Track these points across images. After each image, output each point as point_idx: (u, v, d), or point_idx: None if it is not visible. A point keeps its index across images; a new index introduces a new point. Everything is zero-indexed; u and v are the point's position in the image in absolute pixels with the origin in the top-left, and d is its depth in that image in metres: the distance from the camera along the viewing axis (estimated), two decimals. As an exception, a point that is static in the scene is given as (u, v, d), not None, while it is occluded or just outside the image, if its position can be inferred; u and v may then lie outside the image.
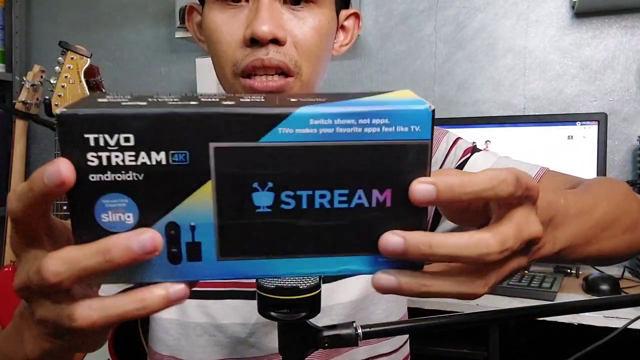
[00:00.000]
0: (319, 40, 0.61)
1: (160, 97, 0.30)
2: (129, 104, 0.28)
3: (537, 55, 1.71)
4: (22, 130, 1.90)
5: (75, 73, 1.66)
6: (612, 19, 1.64)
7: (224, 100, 0.30)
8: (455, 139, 0.74)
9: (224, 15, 0.60)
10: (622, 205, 0.53)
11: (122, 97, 0.30)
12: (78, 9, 2.23)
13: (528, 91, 1.73)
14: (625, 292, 1.30)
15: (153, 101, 0.29)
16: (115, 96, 0.30)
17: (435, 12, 1.81)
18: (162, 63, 2.14)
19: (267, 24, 0.57)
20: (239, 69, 0.59)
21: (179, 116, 0.28)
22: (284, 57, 0.59)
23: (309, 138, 0.29)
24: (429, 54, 1.82)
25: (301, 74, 0.60)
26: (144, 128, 0.28)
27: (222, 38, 0.60)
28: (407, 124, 0.29)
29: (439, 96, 1.82)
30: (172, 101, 0.29)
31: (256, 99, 0.30)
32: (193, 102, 0.29)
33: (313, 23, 0.60)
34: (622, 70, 1.64)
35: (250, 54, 0.58)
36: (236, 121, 0.28)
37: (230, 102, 0.29)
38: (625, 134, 1.64)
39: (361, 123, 0.29)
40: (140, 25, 2.15)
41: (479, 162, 0.72)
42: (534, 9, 1.71)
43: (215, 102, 0.29)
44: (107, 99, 0.30)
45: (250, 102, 0.30)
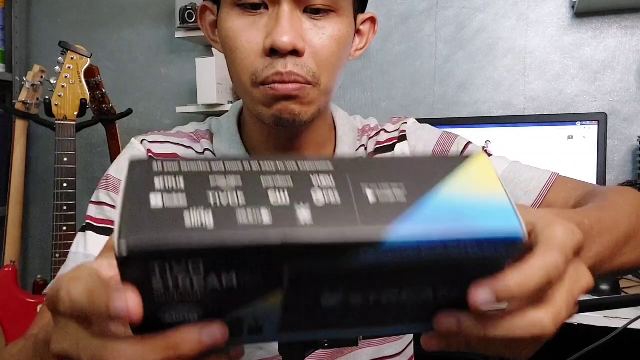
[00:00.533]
0: (338, 50, 0.61)
1: (221, 188, 0.28)
2: (195, 224, 0.26)
3: (537, 56, 1.71)
4: (22, 130, 1.90)
5: (75, 73, 1.66)
6: (612, 19, 1.64)
7: (296, 202, 0.27)
8: (465, 143, 0.74)
9: (242, 22, 0.59)
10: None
11: (175, 186, 0.28)
12: (78, 9, 2.23)
13: (528, 91, 1.73)
14: (625, 292, 1.30)
15: (217, 207, 0.27)
16: (167, 187, 0.28)
17: (436, 13, 1.81)
18: (162, 63, 2.14)
19: (288, 35, 0.56)
20: (259, 79, 0.59)
21: (255, 245, 0.26)
22: (302, 70, 0.58)
23: (390, 259, 0.28)
24: (429, 54, 1.82)
25: (320, 83, 0.60)
26: (216, 256, 0.26)
27: (240, 46, 0.59)
28: (495, 250, 0.28)
29: (439, 96, 1.82)
30: (237, 200, 0.27)
31: (328, 184, 0.29)
32: (264, 211, 0.27)
33: (332, 33, 0.60)
34: (622, 70, 1.64)
35: (270, 65, 0.58)
36: (319, 250, 0.27)
37: (305, 205, 0.27)
38: (625, 134, 1.64)
39: (449, 247, 0.28)
40: (140, 25, 2.15)
41: None
42: (534, 9, 1.71)
43: (291, 212, 0.27)
44: (162, 204, 0.27)
45: (327, 206, 0.28)
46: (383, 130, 0.76)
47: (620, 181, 1.61)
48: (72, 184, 1.64)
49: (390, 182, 0.29)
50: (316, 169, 0.30)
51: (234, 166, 0.29)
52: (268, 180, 0.29)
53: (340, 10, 0.60)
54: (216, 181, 0.28)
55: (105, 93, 1.85)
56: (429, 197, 0.29)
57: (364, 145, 0.75)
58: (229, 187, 0.28)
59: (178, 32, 1.89)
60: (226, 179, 0.28)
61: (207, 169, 0.29)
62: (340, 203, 0.28)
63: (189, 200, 0.27)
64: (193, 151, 0.71)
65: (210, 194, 0.28)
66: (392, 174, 0.30)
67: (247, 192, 0.28)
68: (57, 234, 1.62)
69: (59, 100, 1.64)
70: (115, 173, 0.69)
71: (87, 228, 0.67)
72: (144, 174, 0.28)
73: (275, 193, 0.28)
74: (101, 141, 2.01)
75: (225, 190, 0.28)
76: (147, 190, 0.27)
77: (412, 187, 0.29)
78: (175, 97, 2.12)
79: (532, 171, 0.71)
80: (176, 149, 0.71)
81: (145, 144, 0.70)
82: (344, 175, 0.30)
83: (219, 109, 1.86)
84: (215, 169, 0.29)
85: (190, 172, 0.29)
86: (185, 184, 0.28)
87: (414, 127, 0.76)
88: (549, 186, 0.69)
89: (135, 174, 0.28)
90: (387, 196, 0.29)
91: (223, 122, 0.73)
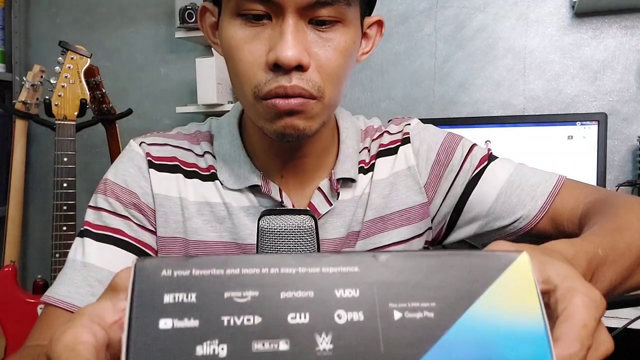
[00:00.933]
0: (343, 62, 0.59)
1: (235, 304, 0.26)
2: (207, 352, 0.24)
3: (537, 55, 1.71)
4: (22, 130, 1.90)
5: (75, 73, 1.66)
6: (612, 19, 1.64)
7: (316, 325, 0.25)
8: (470, 146, 0.73)
9: (245, 33, 0.57)
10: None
11: (185, 299, 0.26)
12: (78, 9, 2.23)
13: (528, 91, 1.73)
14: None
15: (231, 332, 0.25)
16: (177, 301, 0.26)
17: (435, 12, 1.81)
18: (162, 63, 2.14)
19: (292, 50, 0.54)
20: (261, 93, 0.57)
21: None
22: (307, 84, 0.56)
23: None
24: (429, 54, 1.82)
25: (324, 97, 0.58)
26: None
27: (243, 57, 0.57)
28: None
29: (439, 96, 1.82)
30: (252, 322, 0.26)
31: (352, 299, 0.26)
32: (282, 342, 0.25)
33: (338, 44, 0.58)
34: (622, 70, 1.64)
35: (273, 79, 0.56)
36: None
37: (326, 330, 0.25)
38: (625, 134, 1.64)
39: None
40: (140, 25, 2.15)
41: (497, 173, 0.71)
42: (534, 9, 1.71)
43: (310, 339, 0.25)
44: (172, 325, 0.25)
45: (349, 324, 0.26)
46: (386, 132, 0.75)
47: (620, 181, 1.61)
48: (72, 184, 1.64)
49: (420, 301, 0.27)
50: (341, 280, 0.27)
51: (250, 277, 0.27)
52: (288, 297, 0.26)
53: (346, 20, 0.58)
54: (231, 294, 0.26)
55: (105, 93, 1.85)
56: (461, 320, 0.26)
57: (367, 147, 0.74)
58: (245, 304, 0.26)
59: (178, 32, 1.88)
60: (242, 292, 0.26)
61: (221, 273, 0.27)
62: (363, 320, 0.26)
63: (200, 322, 0.25)
64: (192, 153, 0.70)
65: (225, 316, 0.25)
66: (422, 286, 0.27)
67: (264, 313, 0.26)
68: (57, 234, 1.62)
69: (59, 100, 1.64)
70: (113, 177, 0.68)
71: (85, 234, 0.67)
72: (152, 283, 0.26)
73: (295, 314, 0.26)
74: (101, 141, 2.01)
75: (240, 309, 0.26)
76: (156, 307, 0.26)
77: (443, 306, 0.27)
78: (175, 97, 2.12)
79: (539, 175, 0.70)
80: (175, 151, 0.70)
81: (144, 147, 0.69)
82: (371, 289, 0.27)
83: (219, 109, 1.86)
84: (230, 272, 0.27)
85: (203, 277, 0.26)
86: (197, 296, 0.26)
87: (418, 129, 0.75)
88: (556, 192, 0.68)
89: (142, 281, 0.26)
90: (415, 319, 0.26)
91: (224, 123, 0.72)
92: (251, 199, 0.67)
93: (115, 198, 0.67)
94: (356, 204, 0.70)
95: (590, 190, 0.68)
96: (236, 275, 0.27)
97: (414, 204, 0.72)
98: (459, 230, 0.74)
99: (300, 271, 0.27)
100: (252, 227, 0.66)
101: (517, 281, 0.28)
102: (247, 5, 0.56)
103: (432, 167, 0.72)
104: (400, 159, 0.73)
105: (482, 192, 0.70)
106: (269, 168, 0.68)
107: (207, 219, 0.67)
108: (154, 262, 0.27)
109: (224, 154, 0.69)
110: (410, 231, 0.72)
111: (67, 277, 0.65)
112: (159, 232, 0.67)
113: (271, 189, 0.66)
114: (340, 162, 0.69)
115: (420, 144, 0.73)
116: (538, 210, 0.68)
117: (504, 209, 0.70)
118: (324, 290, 0.27)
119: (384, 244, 0.71)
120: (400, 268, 0.28)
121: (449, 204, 0.72)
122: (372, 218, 0.70)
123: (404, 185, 0.72)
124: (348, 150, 0.70)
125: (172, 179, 0.68)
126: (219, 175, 0.68)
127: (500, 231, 0.72)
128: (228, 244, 0.67)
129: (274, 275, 0.27)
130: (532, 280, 0.28)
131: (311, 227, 0.55)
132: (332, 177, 0.68)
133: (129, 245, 0.66)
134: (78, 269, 0.65)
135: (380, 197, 0.71)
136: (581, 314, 0.30)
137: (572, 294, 0.31)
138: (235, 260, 0.27)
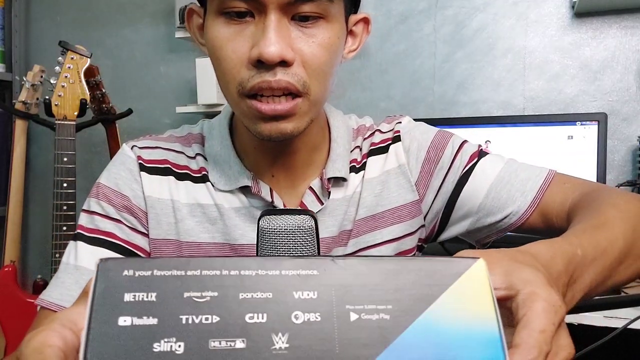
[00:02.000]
0: (329, 58, 0.59)
1: (195, 302, 0.26)
2: (165, 349, 0.25)
3: (536, 55, 1.71)
4: (22, 130, 1.90)
5: (75, 73, 1.66)
6: (612, 19, 1.64)
7: (273, 325, 0.26)
8: (460, 142, 0.73)
9: (228, 31, 0.57)
10: (637, 228, 0.53)
11: (145, 298, 0.26)
12: (78, 9, 2.23)
13: (528, 91, 1.73)
14: (625, 292, 1.30)
15: (189, 330, 0.26)
16: (136, 299, 0.26)
17: (435, 12, 1.81)
18: (162, 62, 2.14)
19: (275, 45, 0.54)
20: (245, 89, 0.57)
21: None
22: (292, 79, 0.56)
23: None
24: (429, 54, 1.82)
25: (310, 93, 0.58)
26: None
27: (226, 56, 0.57)
28: None
29: (438, 96, 1.82)
30: (211, 321, 0.26)
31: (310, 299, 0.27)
32: (238, 340, 0.26)
33: (322, 40, 0.57)
34: (622, 70, 1.64)
35: (257, 75, 0.56)
36: None
37: (282, 329, 0.26)
38: (625, 134, 1.64)
39: None
40: (140, 24, 2.15)
41: (487, 169, 0.71)
42: (534, 9, 1.71)
43: (266, 337, 0.26)
44: (131, 322, 0.26)
45: (306, 324, 0.26)
46: (378, 130, 0.76)
47: (620, 181, 1.61)
48: (72, 183, 1.64)
49: (377, 303, 0.27)
50: (299, 283, 0.27)
51: (210, 278, 0.27)
52: (247, 297, 0.27)
53: (329, 16, 0.58)
54: (191, 294, 0.27)
55: (105, 93, 1.85)
56: (416, 322, 0.27)
57: (359, 146, 0.74)
58: (203, 304, 0.26)
59: (178, 32, 1.88)
60: (202, 292, 0.27)
61: (182, 274, 0.27)
62: (320, 320, 0.27)
63: (159, 320, 0.26)
64: (184, 155, 0.70)
65: (183, 315, 0.26)
66: (380, 289, 0.28)
67: (222, 313, 0.26)
68: (57, 234, 1.62)
69: (59, 100, 1.64)
70: (105, 181, 0.68)
71: (78, 238, 0.67)
72: (113, 282, 0.27)
73: (253, 314, 0.26)
74: (101, 141, 2.01)
75: (199, 308, 0.26)
76: (116, 305, 0.26)
77: (399, 309, 0.27)
78: (175, 97, 2.12)
79: (529, 170, 0.70)
80: (167, 154, 0.70)
81: (136, 150, 0.70)
82: (329, 291, 0.28)
83: (219, 108, 1.86)
84: (191, 273, 0.27)
85: (164, 277, 0.27)
86: (157, 295, 0.26)
87: (408, 127, 0.75)
88: (545, 187, 0.68)
89: (104, 281, 0.27)
90: (371, 320, 0.27)
91: (215, 124, 0.72)
92: (242, 200, 0.68)
93: (108, 201, 0.67)
94: (348, 203, 0.70)
95: (580, 183, 0.68)
96: (196, 276, 0.27)
97: (405, 201, 0.72)
98: (452, 227, 0.74)
99: (260, 273, 0.28)
100: (244, 228, 0.67)
101: (473, 286, 0.29)
102: (230, 3, 0.56)
103: (423, 164, 0.72)
104: (391, 157, 0.73)
105: (472, 189, 0.70)
106: (260, 167, 0.68)
107: (199, 220, 0.68)
108: (117, 262, 0.27)
109: (214, 155, 0.69)
110: (402, 229, 0.72)
111: (60, 280, 0.66)
112: (151, 234, 0.68)
113: (261, 189, 0.67)
114: (332, 161, 0.69)
115: (411, 142, 0.73)
116: (528, 205, 0.68)
117: (494, 205, 0.70)
118: (282, 291, 0.27)
119: (376, 242, 0.71)
120: (358, 271, 0.28)
121: (440, 201, 0.72)
122: (363, 217, 0.71)
123: (395, 183, 0.72)
124: (339, 149, 0.70)
125: (164, 182, 0.68)
126: (210, 176, 0.68)
127: (491, 227, 0.72)
128: (220, 245, 0.68)
129: (233, 277, 0.27)
130: (488, 285, 0.29)
131: (311, 227, 0.55)
132: (323, 177, 0.69)
133: (121, 249, 0.66)
134: (71, 272, 0.66)
135: (372, 196, 0.71)
136: (539, 320, 0.30)
137: (532, 300, 0.31)
138: (196, 262, 0.28)
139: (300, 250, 0.54)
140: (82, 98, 1.66)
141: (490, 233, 0.73)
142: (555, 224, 0.67)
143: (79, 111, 1.67)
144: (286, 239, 0.54)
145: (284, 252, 0.54)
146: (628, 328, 0.82)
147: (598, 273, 0.45)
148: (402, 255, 0.72)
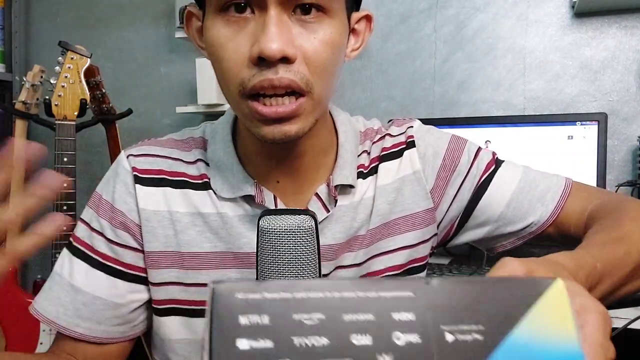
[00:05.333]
0: (331, 55, 0.57)
1: (304, 326, 0.28)
2: None
3: (537, 55, 1.71)
4: (22, 130, 1.90)
5: (75, 73, 1.66)
6: (612, 19, 1.64)
7: (378, 347, 0.27)
8: (476, 149, 0.73)
9: (228, 30, 0.56)
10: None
11: (259, 322, 0.27)
12: (78, 9, 2.23)
13: (528, 91, 1.73)
14: (625, 292, 1.30)
15: (302, 353, 0.27)
16: (251, 323, 0.27)
17: (435, 12, 1.81)
18: (162, 63, 2.14)
19: (276, 42, 0.52)
20: (246, 89, 0.55)
21: None
22: (295, 76, 0.54)
23: None
24: (429, 54, 1.82)
25: (313, 92, 0.56)
26: None
27: (226, 55, 0.56)
28: None
29: (438, 96, 1.82)
30: (321, 343, 0.27)
31: (408, 322, 0.28)
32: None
33: (324, 37, 0.56)
34: (622, 70, 1.64)
35: (258, 73, 0.54)
36: None
37: (387, 352, 0.27)
38: (625, 134, 1.64)
39: None
40: (140, 25, 2.15)
41: (506, 178, 0.71)
42: (534, 9, 1.71)
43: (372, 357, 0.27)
44: (250, 347, 0.27)
45: (408, 345, 0.27)
46: (388, 134, 0.73)
47: (620, 181, 1.61)
48: (72, 183, 1.64)
49: (469, 324, 0.28)
50: (397, 304, 0.29)
51: (316, 301, 0.28)
52: (351, 319, 0.28)
53: (331, 11, 0.56)
54: (300, 316, 0.28)
55: (105, 93, 1.85)
56: (506, 342, 0.28)
57: (367, 150, 0.72)
58: (312, 326, 0.27)
59: (178, 32, 1.89)
60: (310, 314, 0.28)
61: (290, 296, 0.28)
62: (421, 342, 0.28)
63: (274, 343, 0.27)
64: (181, 162, 0.68)
65: (295, 337, 0.27)
66: (470, 310, 0.29)
67: (330, 335, 0.27)
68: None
69: (59, 100, 1.64)
70: (104, 194, 0.68)
71: (75, 253, 0.67)
72: (228, 305, 0.28)
73: (358, 335, 0.27)
74: (101, 141, 2.01)
75: (308, 330, 0.27)
76: (233, 328, 0.27)
77: (489, 329, 0.28)
78: (175, 97, 2.12)
79: (547, 180, 0.71)
80: (162, 163, 0.68)
81: (131, 160, 0.68)
82: (425, 312, 0.29)
83: (219, 109, 1.86)
84: (299, 296, 0.28)
85: (274, 300, 0.28)
86: (270, 319, 0.27)
87: (421, 132, 0.74)
88: (566, 197, 0.69)
89: (220, 306, 0.28)
90: (467, 341, 0.28)
91: (218, 128, 0.70)
92: (246, 208, 0.66)
93: (106, 218, 0.67)
94: (355, 209, 0.69)
95: (596, 192, 0.69)
96: (304, 299, 0.28)
97: (419, 209, 0.71)
98: (466, 233, 0.73)
99: (359, 295, 0.29)
100: (249, 236, 0.65)
101: (554, 306, 0.29)
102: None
103: (439, 172, 0.71)
104: (406, 163, 0.71)
105: (492, 198, 0.70)
106: (264, 173, 0.66)
107: (201, 230, 0.66)
108: (229, 286, 0.28)
109: (217, 161, 0.67)
110: (416, 237, 0.71)
111: (55, 294, 0.66)
112: (147, 248, 0.66)
113: (265, 198, 0.65)
114: (339, 168, 0.67)
115: (426, 148, 0.72)
116: (549, 215, 0.69)
117: (515, 215, 0.70)
118: (382, 313, 0.28)
119: (389, 249, 0.70)
120: (449, 292, 0.30)
121: (456, 209, 0.72)
122: (377, 225, 0.69)
123: (409, 190, 0.70)
124: (347, 155, 0.69)
125: (159, 193, 0.67)
126: (212, 184, 0.66)
127: (509, 236, 0.72)
128: (223, 254, 0.66)
129: (337, 299, 0.28)
130: (568, 304, 0.30)
131: (311, 227, 0.54)
132: (330, 184, 0.67)
133: (114, 271, 0.67)
134: (66, 290, 0.66)
135: (386, 203, 0.70)
136: (597, 334, 0.31)
137: (586, 313, 0.32)
138: (301, 284, 0.29)
139: (301, 249, 0.54)
140: (82, 98, 1.66)
141: (505, 242, 0.73)
142: (572, 233, 0.68)
143: (79, 111, 1.66)
144: (286, 239, 0.54)
145: (284, 251, 0.54)
146: (628, 328, 0.81)
147: (610, 285, 0.47)
148: (415, 262, 0.72)
